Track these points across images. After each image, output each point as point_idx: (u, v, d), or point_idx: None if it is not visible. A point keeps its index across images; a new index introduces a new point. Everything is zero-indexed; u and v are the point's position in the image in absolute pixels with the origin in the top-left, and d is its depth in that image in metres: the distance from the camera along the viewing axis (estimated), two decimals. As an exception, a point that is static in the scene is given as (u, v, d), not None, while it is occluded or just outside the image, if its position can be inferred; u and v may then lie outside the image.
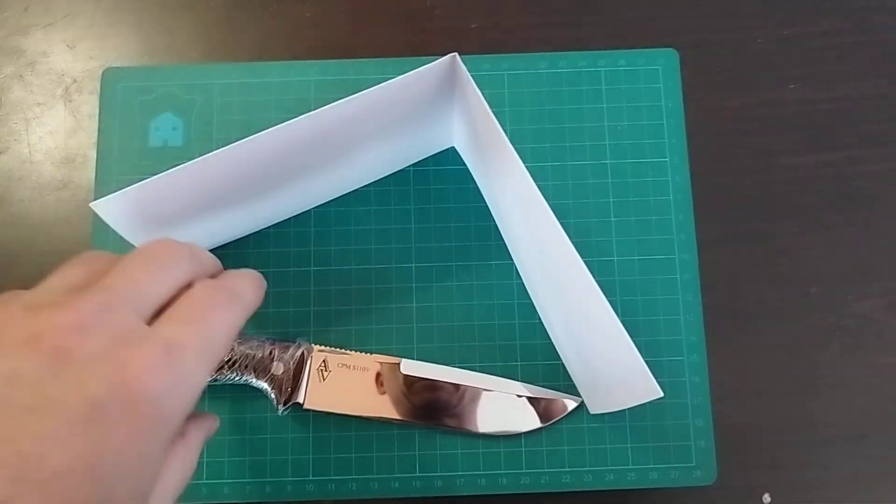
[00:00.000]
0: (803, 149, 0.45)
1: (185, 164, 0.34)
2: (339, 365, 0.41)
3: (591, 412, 0.42)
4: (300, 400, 0.41)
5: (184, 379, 0.27)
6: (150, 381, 0.26)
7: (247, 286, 0.31)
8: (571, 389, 0.42)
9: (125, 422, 0.25)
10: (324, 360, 0.41)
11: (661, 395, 0.32)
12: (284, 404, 0.41)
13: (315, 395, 0.41)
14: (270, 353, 0.40)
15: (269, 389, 0.41)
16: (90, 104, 0.46)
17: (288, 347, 0.41)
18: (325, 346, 0.42)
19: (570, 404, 0.42)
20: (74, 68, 0.46)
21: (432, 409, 0.41)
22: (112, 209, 0.34)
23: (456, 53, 0.35)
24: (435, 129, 0.42)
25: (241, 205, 0.40)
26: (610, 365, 0.36)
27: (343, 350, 0.42)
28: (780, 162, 0.45)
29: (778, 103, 0.46)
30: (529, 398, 0.42)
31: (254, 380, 0.40)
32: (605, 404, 0.40)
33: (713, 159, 0.45)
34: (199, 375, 0.28)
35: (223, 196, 0.37)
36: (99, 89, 0.46)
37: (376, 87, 0.34)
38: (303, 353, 0.41)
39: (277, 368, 0.41)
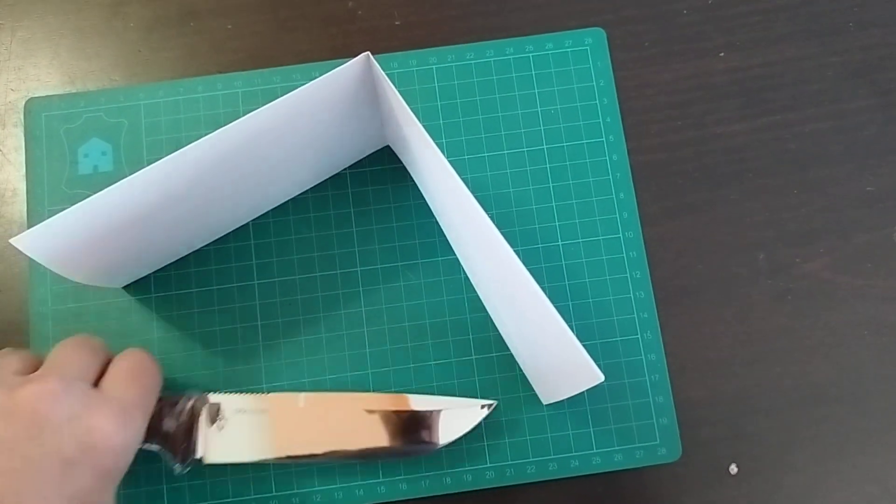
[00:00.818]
0: (738, 116, 0.45)
1: (108, 188, 0.33)
2: (236, 411, 0.39)
3: (544, 403, 0.41)
4: (199, 455, 0.38)
5: (134, 434, 0.34)
6: (112, 439, 0.32)
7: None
8: (526, 379, 0.42)
9: (92, 474, 0.31)
10: (218, 409, 0.39)
11: (602, 378, 0.32)
12: (183, 462, 0.38)
13: (214, 447, 0.38)
14: (159, 410, 0.37)
15: (162, 450, 0.37)
16: (15, 137, 0.45)
17: (176, 402, 0.38)
18: (218, 389, 0.40)
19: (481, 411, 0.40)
20: (-5, 102, 0.45)
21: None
22: (35, 243, 0.33)
23: (369, 53, 0.34)
24: (365, 130, 0.41)
25: (174, 224, 0.39)
26: (551, 352, 0.35)
27: (238, 392, 0.40)
28: (716, 131, 0.45)
29: (708, 73, 0.46)
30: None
31: (144, 443, 0.36)
32: (554, 393, 0.39)
33: (649, 135, 0.45)
34: (142, 428, 0.35)
35: (153, 217, 0.37)
36: (23, 121, 0.45)
37: (290, 94, 0.34)
38: (194, 404, 0.39)
39: (168, 425, 0.37)
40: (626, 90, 0.45)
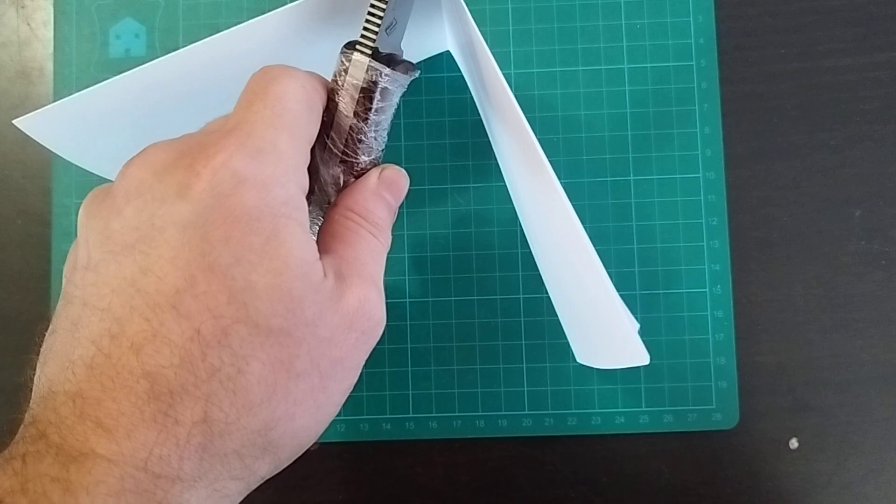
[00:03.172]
0: (853, 48, 0.39)
1: (126, 73, 0.30)
2: None
3: (578, 360, 0.37)
4: None
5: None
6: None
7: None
8: (578, 326, 0.38)
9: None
10: None
11: (647, 361, 0.27)
12: None
13: None
14: None
15: None
16: (44, 10, 0.41)
17: None
18: None
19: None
20: (23, -31, 0.41)
21: None
22: (41, 126, 0.30)
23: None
24: (425, 30, 0.36)
25: (204, 120, 0.35)
26: (593, 316, 0.31)
27: None
28: (825, 64, 0.39)
29: (825, -6, 0.39)
30: None
31: None
32: (591, 357, 0.35)
33: (746, 62, 0.39)
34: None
35: (180, 110, 0.33)
36: (52, -7, 0.41)
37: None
38: None
39: None
40: (724, 7, 0.39)
